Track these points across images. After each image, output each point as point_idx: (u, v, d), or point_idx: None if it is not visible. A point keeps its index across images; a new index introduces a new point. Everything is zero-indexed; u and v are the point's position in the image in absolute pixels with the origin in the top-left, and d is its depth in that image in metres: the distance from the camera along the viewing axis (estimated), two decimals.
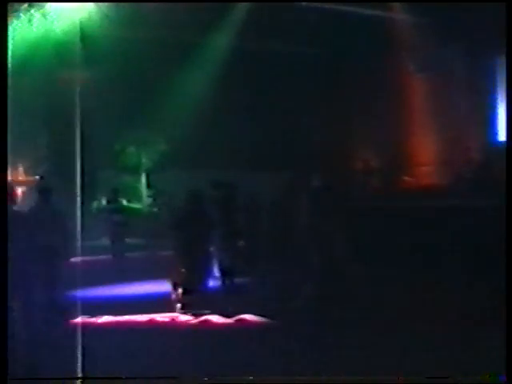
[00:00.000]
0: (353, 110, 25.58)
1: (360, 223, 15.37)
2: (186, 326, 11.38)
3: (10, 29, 12.78)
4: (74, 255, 14.97)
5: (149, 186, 26.09)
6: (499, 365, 6.55)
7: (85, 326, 10.29)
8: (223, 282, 14.22)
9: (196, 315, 11.67)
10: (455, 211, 14.96)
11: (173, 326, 11.39)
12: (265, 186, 19.25)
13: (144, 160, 26.27)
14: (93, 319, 11.56)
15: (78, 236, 14.48)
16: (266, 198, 18.17)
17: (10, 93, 11.74)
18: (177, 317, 11.89)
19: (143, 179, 26.36)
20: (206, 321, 11.43)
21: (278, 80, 24.47)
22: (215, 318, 11.46)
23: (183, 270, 12.86)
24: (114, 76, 23.82)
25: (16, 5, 17.98)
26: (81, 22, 18.91)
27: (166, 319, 11.77)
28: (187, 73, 24.96)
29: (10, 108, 12.07)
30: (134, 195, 24.10)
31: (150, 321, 11.59)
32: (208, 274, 13.48)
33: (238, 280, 14.37)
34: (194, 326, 11.32)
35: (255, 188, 17.89)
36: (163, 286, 13.45)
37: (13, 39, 14.85)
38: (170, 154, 25.31)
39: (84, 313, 11.18)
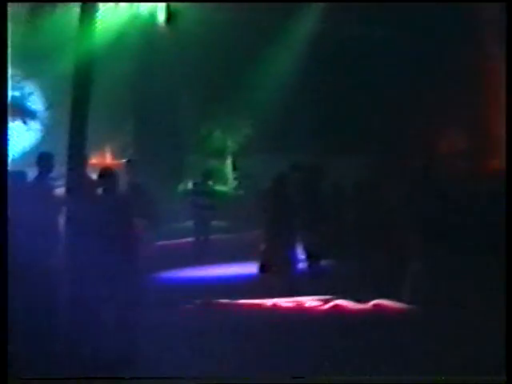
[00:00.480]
0: (440, 91, 25.15)
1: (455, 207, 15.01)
2: (315, 312, 10.93)
3: (97, 15, 12.96)
4: (162, 238, 15.19)
5: (234, 169, 26.21)
6: None
7: (200, 309, 10.18)
8: (309, 266, 14.12)
9: (323, 300, 11.25)
10: None
11: (300, 312, 10.93)
12: (353, 170, 19.12)
13: (230, 143, 26.40)
14: (202, 303, 11.35)
15: (165, 219, 14.67)
16: (354, 182, 18.01)
17: (97, 78, 11.99)
18: (302, 302, 11.44)
19: (229, 162, 26.49)
20: (336, 306, 10.95)
21: (365, 63, 24.26)
22: (345, 303, 10.93)
23: (269, 252, 12.84)
24: (200, 60, 24.01)
25: None
26: (167, 6, 19.05)
27: (291, 304, 11.35)
28: (273, 56, 24.96)
29: (98, 92, 12.32)
30: (220, 178, 24.23)
31: (274, 305, 11.23)
32: (294, 256, 13.42)
33: (323, 263, 14.24)
34: (324, 312, 10.87)
35: (342, 171, 17.76)
36: (250, 269, 13.43)
37: (100, 25, 15.05)
38: (255, 138, 25.38)
39: (176, 296, 11.23)
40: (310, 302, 11.44)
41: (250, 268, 13.35)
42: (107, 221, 8.18)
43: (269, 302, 11.17)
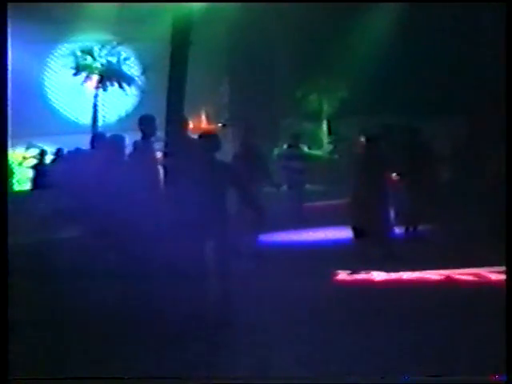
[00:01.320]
0: None
1: None
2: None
3: None
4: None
5: (330, 132, 26.09)
6: None
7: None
8: (406, 231, 13.90)
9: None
10: None
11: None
12: (449, 131, 18.76)
13: (325, 106, 26.27)
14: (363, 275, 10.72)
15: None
16: (452, 144, 17.62)
17: (193, 41, 12.02)
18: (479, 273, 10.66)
19: (324, 126, 26.38)
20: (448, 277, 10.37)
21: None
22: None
23: (364, 215, 12.65)
24: (296, 22, 23.94)
25: None
26: None
27: (470, 277, 10.22)
28: (369, 19, 24.69)
29: (194, 56, 12.36)
30: (315, 142, 24.17)
31: (448, 278, 10.22)
32: (390, 221, 13.19)
33: (420, 228, 14.00)
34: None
35: (437, 132, 17.43)
36: (344, 233, 13.30)
37: None
38: (350, 100, 25.19)
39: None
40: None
41: (346, 233, 13.20)
42: (212, 182, 8.13)
43: (437, 274, 10.42)
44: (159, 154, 9.06)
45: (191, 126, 12.77)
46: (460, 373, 6.27)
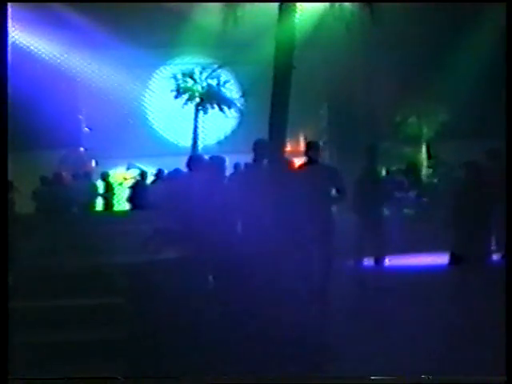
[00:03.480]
0: None
1: None
2: None
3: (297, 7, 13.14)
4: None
5: (429, 156, 25.76)
6: None
7: None
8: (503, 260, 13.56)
9: None
10: None
11: None
12: None
13: (425, 130, 25.99)
14: None
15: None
16: None
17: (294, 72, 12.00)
18: None
19: (424, 150, 26.08)
20: None
21: None
22: None
23: (463, 243, 12.45)
24: (396, 46, 23.83)
25: None
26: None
27: None
28: (471, 41, 24.39)
29: (295, 81, 12.37)
30: (415, 166, 23.89)
31: None
32: (488, 249, 12.93)
33: None
34: None
35: None
36: (441, 259, 13.12)
37: (300, 13, 15.22)
38: (451, 124, 24.85)
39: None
40: None
41: (442, 259, 13.02)
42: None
43: None
44: (267, 178, 9.07)
45: (290, 149, 12.85)
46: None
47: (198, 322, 8.17)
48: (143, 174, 20.42)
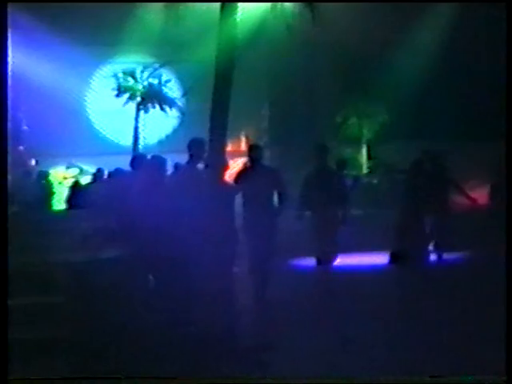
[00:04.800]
0: None
1: None
2: None
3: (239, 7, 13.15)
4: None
5: (369, 157, 26.03)
6: None
7: None
8: (439, 257, 13.78)
9: None
10: None
11: None
12: (488, 156, 18.67)
13: (365, 131, 26.25)
14: None
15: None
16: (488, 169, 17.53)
17: (237, 66, 12.08)
18: None
19: (364, 150, 26.34)
20: None
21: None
22: None
23: (401, 241, 12.62)
24: (337, 47, 24.02)
25: None
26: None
27: None
28: (410, 43, 24.71)
29: (237, 80, 12.43)
30: (354, 166, 24.10)
31: None
32: (426, 247, 13.10)
33: (455, 255, 13.86)
34: None
35: (477, 158, 17.31)
36: (380, 258, 13.25)
37: (242, 13, 15.20)
38: (391, 125, 25.15)
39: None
40: None
41: (382, 258, 13.16)
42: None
43: None
44: (204, 177, 9.06)
45: (231, 149, 12.88)
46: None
47: (136, 320, 8.14)
48: (83, 173, 20.24)
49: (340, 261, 13.47)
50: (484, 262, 13.43)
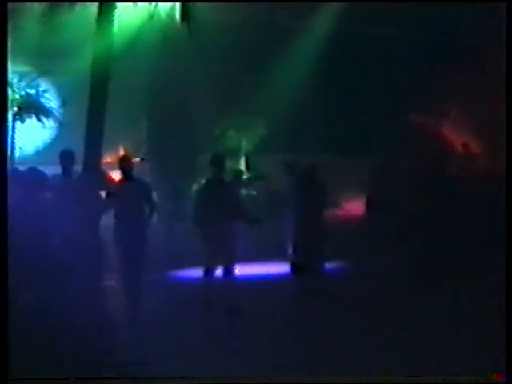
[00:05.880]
0: (448, 93, 25.22)
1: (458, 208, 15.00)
2: None
3: (115, 14, 13.04)
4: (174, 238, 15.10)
5: (248, 169, 26.24)
6: None
7: None
8: (292, 264, 13.97)
9: None
10: None
11: None
12: (356, 170, 19.21)
13: (244, 143, 26.47)
14: None
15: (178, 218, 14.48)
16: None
17: (113, 76, 12.03)
18: None
19: (243, 162, 26.54)
20: None
21: (375, 65, 24.40)
22: None
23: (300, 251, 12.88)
24: (215, 60, 24.13)
25: None
26: (182, 5, 19.00)
27: None
28: (287, 56, 25.09)
29: (113, 92, 12.39)
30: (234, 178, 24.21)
31: None
32: (322, 256, 13.27)
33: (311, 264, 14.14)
34: None
35: (346, 171, 17.69)
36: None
37: (118, 23, 15.05)
38: (269, 137, 25.45)
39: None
40: None
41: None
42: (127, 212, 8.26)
43: None
44: (76, 188, 9.01)
45: (109, 160, 12.77)
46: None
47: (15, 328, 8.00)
48: None
49: (237, 271, 13.66)
50: (365, 270, 13.92)
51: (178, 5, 19.13)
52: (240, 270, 12.58)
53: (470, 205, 15.89)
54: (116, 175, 11.09)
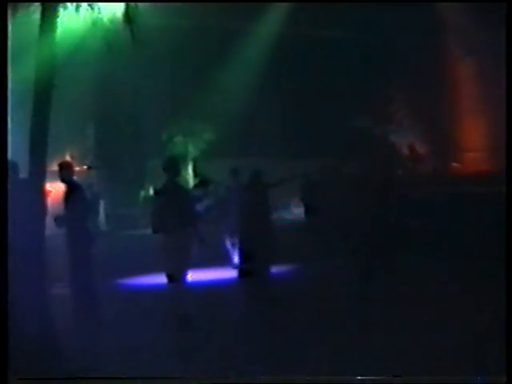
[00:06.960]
0: (399, 95, 25.45)
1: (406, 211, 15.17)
2: None
3: (58, 20, 12.82)
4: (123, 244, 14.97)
5: (195, 174, 26.23)
6: None
7: None
8: (240, 269, 14.01)
9: None
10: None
11: None
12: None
13: (191, 149, 26.44)
14: None
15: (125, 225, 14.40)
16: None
17: (57, 82, 11.85)
18: None
19: (190, 168, 26.51)
20: None
21: (324, 67, 24.51)
22: None
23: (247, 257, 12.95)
24: (162, 65, 24.05)
25: None
26: (126, 8, 18.88)
27: None
28: (233, 62, 25.10)
29: (58, 99, 12.19)
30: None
31: None
32: (267, 261, 13.31)
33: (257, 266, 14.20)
34: None
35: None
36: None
37: (61, 30, 14.88)
38: (216, 143, 25.46)
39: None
40: None
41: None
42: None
43: None
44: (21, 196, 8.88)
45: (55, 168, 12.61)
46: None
47: None
48: None
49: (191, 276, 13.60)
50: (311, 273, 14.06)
51: (121, 9, 19.00)
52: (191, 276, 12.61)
53: (418, 206, 16.13)
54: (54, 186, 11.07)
